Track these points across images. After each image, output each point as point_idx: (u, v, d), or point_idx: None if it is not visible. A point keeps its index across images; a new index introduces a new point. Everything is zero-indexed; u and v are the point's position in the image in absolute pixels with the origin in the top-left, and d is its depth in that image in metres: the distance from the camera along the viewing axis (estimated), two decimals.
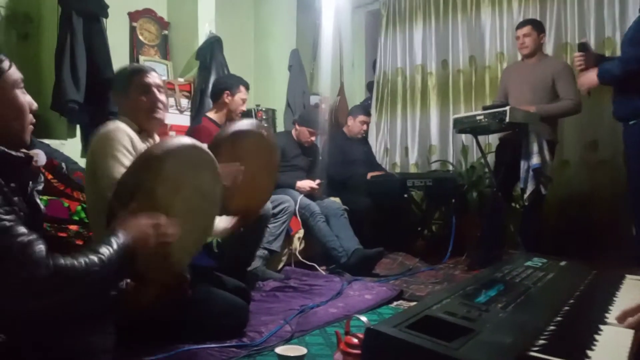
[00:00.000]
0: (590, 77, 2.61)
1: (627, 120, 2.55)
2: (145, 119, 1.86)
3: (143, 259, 1.17)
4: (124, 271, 1.17)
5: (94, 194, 1.74)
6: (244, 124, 1.98)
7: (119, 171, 1.59)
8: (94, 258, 1.05)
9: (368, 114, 4.20)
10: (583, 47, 2.77)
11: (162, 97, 1.89)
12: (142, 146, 1.80)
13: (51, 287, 0.99)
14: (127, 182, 1.23)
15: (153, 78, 1.89)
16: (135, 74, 1.88)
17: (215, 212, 1.52)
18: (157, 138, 1.95)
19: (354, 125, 4.06)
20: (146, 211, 1.20)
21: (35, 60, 3.34)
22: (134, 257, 1.14)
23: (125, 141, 1.73)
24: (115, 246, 1.10)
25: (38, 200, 1.24)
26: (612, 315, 1.12)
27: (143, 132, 1.87)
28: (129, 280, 1.31)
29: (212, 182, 1.43)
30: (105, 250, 1.08)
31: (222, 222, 2.06)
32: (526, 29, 3.26)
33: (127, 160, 1.71)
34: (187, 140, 1.32)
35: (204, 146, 1.37)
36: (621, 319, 1.05)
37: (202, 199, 1.39)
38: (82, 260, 1.03)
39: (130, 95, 1.85)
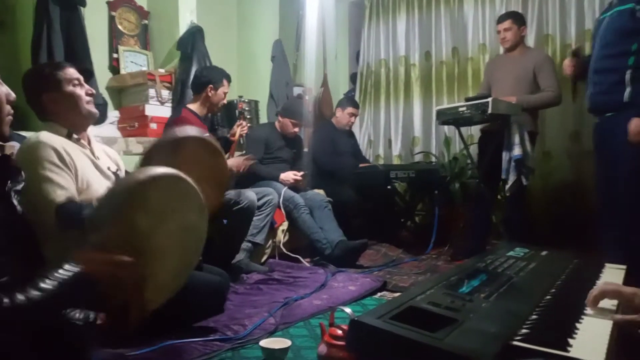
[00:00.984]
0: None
1: (603, 112, 2.48)
2: (75, 117, 1.74)
3: (108, 293, 1.10)
4: (76, 303, 1.09)
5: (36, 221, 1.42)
6: (185, 130, 1.69)
7: (58, 193, 1.52)
8: (35, 294, 0.94)
9: (356, 106, 4.22)
10: (576, 53, 2.77)
11: (85, 89, 1.77)
12: (74, 150, 1.68)
13: None
14: (104, 208, 1.14)
15: (70, 72, 1.75)
16: (53, 70, 1.74)
17: (200, 249, 1.42)
18: (92, 138, 1.85)
19: (342, 116, 4.06)
20: (124, 240, 1.10)
21: (11, 49, 3.25)
22: (89, 292, 1.05)
23: (51, 156, 1.60)
24: (66, 280, 0.99)
25: (15, 202, 1.16)
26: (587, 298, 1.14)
27: (73, 134, 1.74)
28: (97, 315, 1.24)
29: (197, 218, 1.35)
30: (50, 286, 0.97)
31: None
32: (507, 24, 3.27)
33: (60, 177, 1.60)
34: (172, 170, 1.22)
35: (189, 179, 1.27)
36: (590, 302, 1.11)
37: (186, 235, 1.30)
38: (20, 298, 0.93)
39: (53, 95, 1.70)
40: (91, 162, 1.76)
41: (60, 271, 1.00)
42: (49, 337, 1.07)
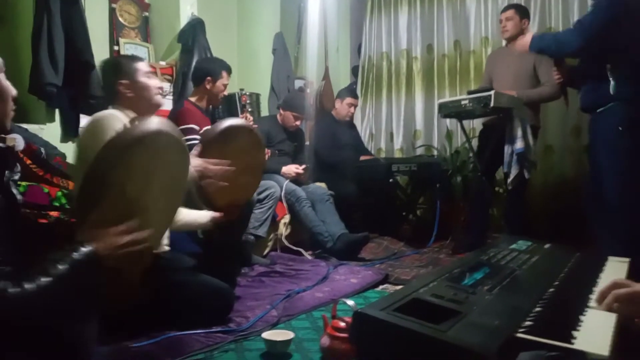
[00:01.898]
0: (525, 43, 2.56)
1: (594, 109, 2.42)
2: (144, 105, 1.88)
3: (118, 267, 1.12)
4: (91, 283, 1.08)
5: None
6: (235, 120, 2.02)
7: None
8: (46, 280, 0.96)
9: (355, 97, 4.19)
10: (559, 62, 2.72)
11: (155, 81, 1.93)
12: None
13: None
14: (96, 177, 1.15)
15: (144, 64, 1.93)
16: (130, 61, 1.91)
17: (183, 191, 1.48)
18: None
19: (341, 107, 4.05)
20: (119, 207, 1.14)
21: (11, 42, 3.24)
22: (102, 268, 1.07)
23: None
24: (77, 260, 1.01)
25: (14, 190, 1.18)
26: (595, 296, 1.14)
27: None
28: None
29: (180, 162, 1.39)
30: (61, 269, 0.99)
31: (205, 216, 2.06)
32: (509, 13, 3.25)
33: None
34: (153, 125, 1.24)
35: (170, 127, 1.30)
36: (599, 300, 1.06)
37: (172, 181, 1.34)
38: (31, 285, 0.94)
39: (125, 83, 1.85)
40: None
41: (68, 252, 1.02)
42: (50, 335, 1.08)
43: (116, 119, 1.71)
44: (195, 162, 1.79)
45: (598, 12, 2.18)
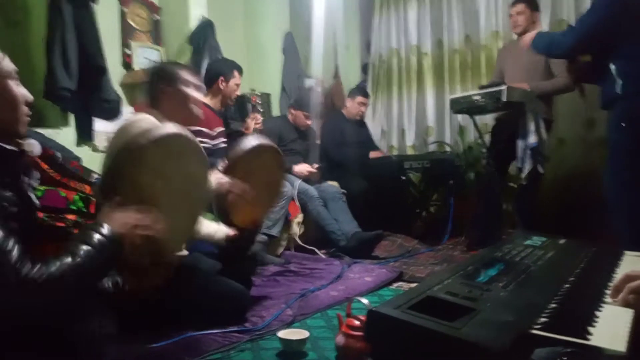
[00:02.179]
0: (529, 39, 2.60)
1: (607, 107, 2.40)
2: (181, 114, 1.90)
3: (132, 251, 1.15)
4: (109, 265, 1.14)
5: None
6: (263, 139, 2.06)
7: None
8: (69, 260, 1.01)
9: (366, 95, 4.19)
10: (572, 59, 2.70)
11: (200, 95, 1.98)
12: None
13: (23, 294, 0.96)
14: (113, 173, 1.19)
15: (191, 76, 1.97)
16: (177, 69, 1.95)
17: (205, 197, 1.52)
18: None
19: (352, 106, 4.05)
20: (134, 202, 1.17)
21: (25, 48, 3.29)
22: (119, 250, 1.12)
23: None
24: (96, 241, 1.07)
25: (32, 195, 1.21)
26: (610, 291, 1.13)
27: None
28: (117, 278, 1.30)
29: (198, 168, 1.42)
30: (83, 248, 1.04)
31: (222, 232, 2.09)
32: (519, 7, 3.21)
33: None
34: (172, 128, 1.28)
35: (188, 132, 1.34)
36: (613, 294, 1.06)
37: (190, 186, 1.37)
38: (56, 264, 0.99)
39: (168, 90, 1.89)
40: None
41: (88, 232, 1.07)
42: (66, 337, 1.11)
43: (147, 121, 1.75)
44: (221, 179, 1.83)
45: (593, 12, 2.16)
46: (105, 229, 1.09)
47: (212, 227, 2.11)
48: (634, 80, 2.08)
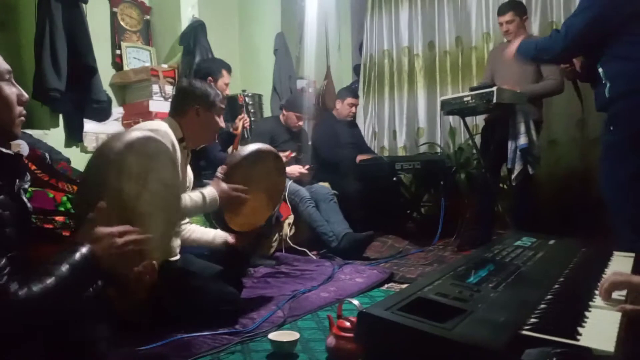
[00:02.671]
0: (512, 50, 2.55)
1: (599, 111, 2.33)
2: (200, 136, 1.96)
3: (114, 267, 1.13)
4: (89, 283, 1.12)
5: None
6: (263, 145, 2.08)
7: None
8: (51, 280, 0.98)
9: (356, 96, 4.19)
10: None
11: (222, 122, 2.00)
12: (179, 156, 1.82)
13: (5, 318, 0.94)
14: (91, 181, 1.17)
15: (223, 102, 2.01)
16: (214, 94, 1.97)
17: (179, 203, 1.51)
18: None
19: (342, 108, 4.04)
20: (114, 210, 1.15)
21: (14, 48, 3.26)
22: (100, 269, 1.09)
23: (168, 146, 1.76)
24: (76, 260, 1.03)
25: (25, 199, 1.19)
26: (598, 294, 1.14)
27: (183, 142, 1.91)
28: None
29: (172, 173, 1.41)
30: (62, 269, 1.01)
31: (220, 238, 2.10)
32: (508, 16, 3.21)
33: None
34: (142, 132, 1.28)
35: (158, 136, 1.34)
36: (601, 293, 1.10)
37: (165, 191, 1.37)
38: (37, 285, 0.97)
39: (198, 109, 1.91)
40: (181, 170, 1.90)
41: (68, 253, 1.03)
42: (61, 340, 1.09)
43: (164, 132, 1.77)
44: (221, 187, 1.85)
45: (582, 12, 2.15)
46: (85, 249, 1.06)
47: (210, 234, 2.12)
48: (620, 83, 2.08)
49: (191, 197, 1.83)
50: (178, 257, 2.00)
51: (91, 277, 1.09)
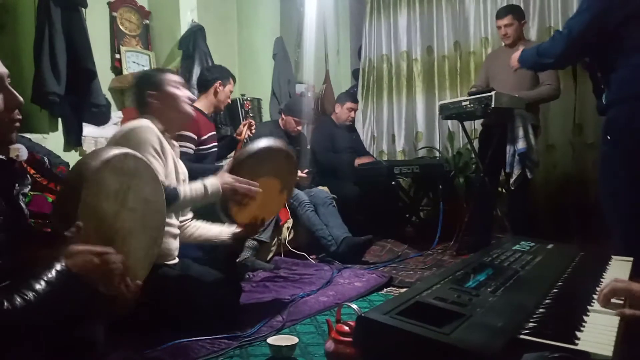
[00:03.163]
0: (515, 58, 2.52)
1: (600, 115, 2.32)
2: (173, 115, 1.93)
3: (93, 282, 1.11)
4: (66, 299, 1.05)
5: None
6: (274, 142, 2.03)
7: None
8: (30, 296, 0.95)
9: (355, 101, 4.21)
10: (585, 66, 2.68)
11: (185, 92, 1.98)
12: (166, 144, 1.83)
13: None
14: (69, 201, 1.13)
15: (172, 76, 1.99)
16: (159, 73, 1.99)
17: (163, 220, 1.47)
18: (175, 143, 2.01)
19: (341, 112, 4.06)
20: (93, 228, 1.13)
21: (13, 52, 3.26)
22: (78, 284, 1.05)
23: (156, 143, 1.78)
24: (52, 277, 1.00)
25: (22, 204, 1.18)
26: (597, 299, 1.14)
27: (166, 133, 1.91)
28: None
29: (153, 189, 1.38)
30: (37, 286, 0.98)
31: (226, 233, 2.09)
32: (507, 20, 3.23)
33: (158, 163, 1.75)
34: (120, 149, 1.26)
35: (137, 153, 1.33)
36: (600, 299, 1.10)
37: (146, 208, 1.34)
38: (15, 301, 0.94)
39: (154, 94, 1.90)
40: (173, 163, 1.91)
41: (43, 270, 1.00)
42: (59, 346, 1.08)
43: (148, 129, 1.79)
44: (224, 178, 1.82)
45: (581, 14, 2.13)
46: (60, 266, 1.02)
47: (215, 229, 2.11)
48: (615, 90, 2.07)
49: (191, 187, 1.81)
50: (176, 260, 1.99)
51: (67, 294, 1.04)
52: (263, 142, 1.95)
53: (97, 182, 1.15)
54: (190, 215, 2.12)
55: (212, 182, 1.82)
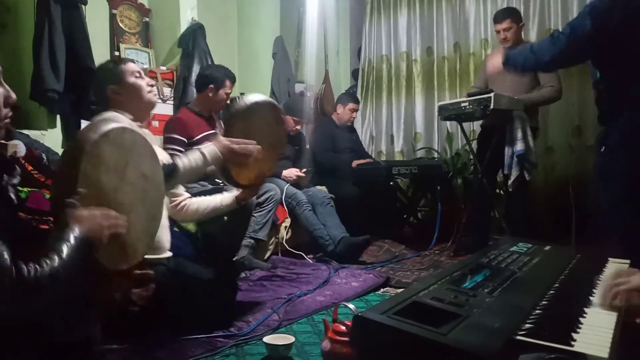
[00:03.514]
0: (496, 63, 2.47)
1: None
2: (137, 105, 1.86)
3: (101, 253, 1.13)
4: (85, 267, 1.09)
5: None
6: (258, 96, 2.01)
7: None
8: (56, 259, 0.98)
9: (357, 102, 4.22)
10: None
11: (146, 80, 1.92)
12: (143, 133, 1.80)
13: (17, 296, 0.93)
14: (69, 173, 1.15)
15: (131, 65, 1.92)
16: (116, 65, 1.91)
17: (162, 197, 1.49)
18: (146, 131, 1.96)
19: (343, 113, 4.06)
20: (93, 201, 1.14)
21: (14, 51, 3.25)
22: (91, 251, 1.08)
23: None
24: (73, 241, 1.03)
25: (12, 195, 1.17)
26: (595, 298, 1.14)
27: (136, 122, 1.86)
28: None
29: (152, 165, 1.40)
30: (64, 249, 1.01)
31: (229, 198, 2.10)
32: (505, 24, 3.18)
33: None
34: (117, 123, 1.28)
35: (135, 127, 1.34)
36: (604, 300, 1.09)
37: (145, 183, 1.35)
38: (46, 264, 0.97)
39: (114, 87, 1.83)
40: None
41: (60, 235, 1.03)
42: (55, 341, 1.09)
43: (118, 117, 1.74)
44: (221, 142, 1.81)
45: (582, 15, 2.11)
46: (77, 231, 1.05)
47: (216, 199, 2.11)
48: (612, 98, 2.06)
49: (189, 158, 1.78)
50: (169, 254, 1.97)
51: (86, 259, 1.07)
52: (248, 99, 1.95)
53: (96, 154, 1.16)
54: (185, 194, 2.11)
55: (210, 149, 1.80)
